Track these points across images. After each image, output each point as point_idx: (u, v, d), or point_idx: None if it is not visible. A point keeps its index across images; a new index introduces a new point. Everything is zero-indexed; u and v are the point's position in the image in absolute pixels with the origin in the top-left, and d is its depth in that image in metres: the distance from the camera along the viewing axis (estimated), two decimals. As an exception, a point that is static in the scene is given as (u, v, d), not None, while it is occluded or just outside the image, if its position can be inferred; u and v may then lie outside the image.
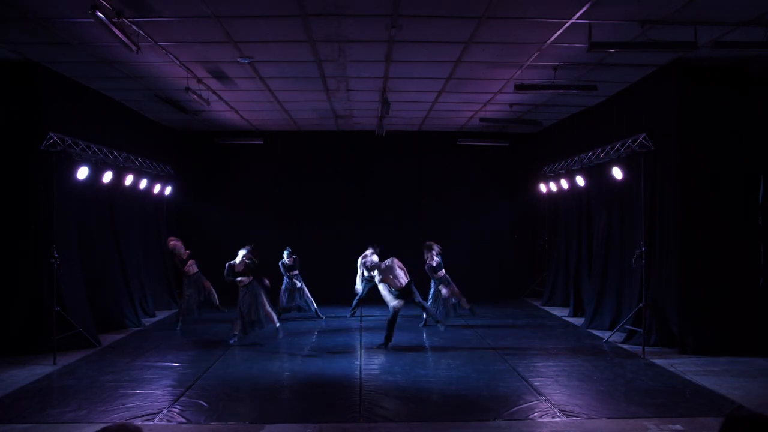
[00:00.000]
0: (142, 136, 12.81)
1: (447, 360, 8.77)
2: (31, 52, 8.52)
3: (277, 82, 10.36)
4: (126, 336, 10.49)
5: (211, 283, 11.58)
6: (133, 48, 6.91)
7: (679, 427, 5.82)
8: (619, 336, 9.86)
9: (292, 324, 11.70)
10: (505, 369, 8.15)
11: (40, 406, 6.55)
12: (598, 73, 9.32)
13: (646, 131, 9.25)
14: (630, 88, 10.19)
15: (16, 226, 9.04)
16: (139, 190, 12.28)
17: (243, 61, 8.83)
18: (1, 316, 8.86)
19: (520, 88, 9.30)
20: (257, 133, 14.94)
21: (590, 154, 11.22)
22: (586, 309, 11.72)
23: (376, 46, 8.27)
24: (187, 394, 7.00)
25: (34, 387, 7.31)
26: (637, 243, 9.36)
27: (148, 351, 9.29)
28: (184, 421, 6.12)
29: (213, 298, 11.66)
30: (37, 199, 9.02)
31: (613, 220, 10.92)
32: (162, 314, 12.79)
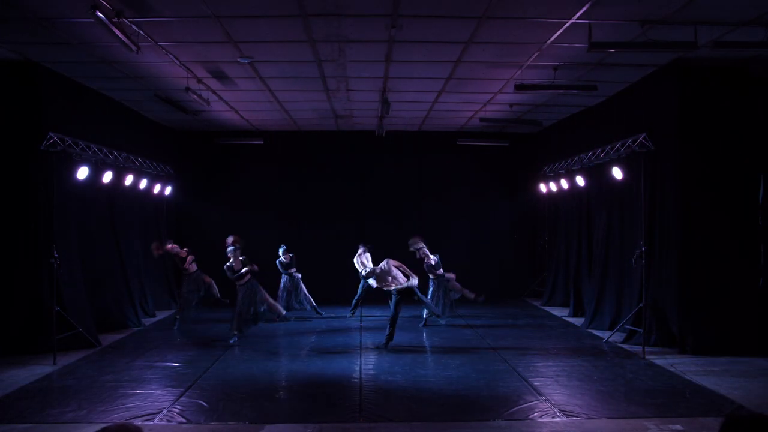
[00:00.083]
0: (142, 136, 12.81)
1: (447, 360, 8.76)
2: (31, 52, 8.53)
3: (277, 82, 10.36)
4: (126, 336, 10.50)
5: (212, 279, 11.67)
6: (133, 48, 6.91)
7: (679, 427, 5.82)
8: (619, 336, 9.86)
9: (293, 324, 11.72)
10: (505, 369, 8.15)
11: (40, 406, 6.56)
12: (598, 73, 9.32)
13: (646, 131, 9.25)
14: (630, 88, 10.19)
15: (16, 226, 9.04)
16: (139, 190, 12.28)
17: (243, 61, 8.83)
18: (1, 316, 8.86)
19: (520, 88, 9.30)
20: (257, 133, 14.94)
21: (590, 154, 11.22)
22: (586, 309, 11.72)
23: (376, 46, 8.28)
24: (187, 394, 7.01)
25: (34, 387, 7.31)
26: (637, 243, 9.36)
27: (148, 351, 9.30)
28: (184, 421, 6.12)
29: (214, 291, 11.73)
30: (37, 199, 9.02)
31: (613, 220, 10.92)
32: (162, 314, 12.80)
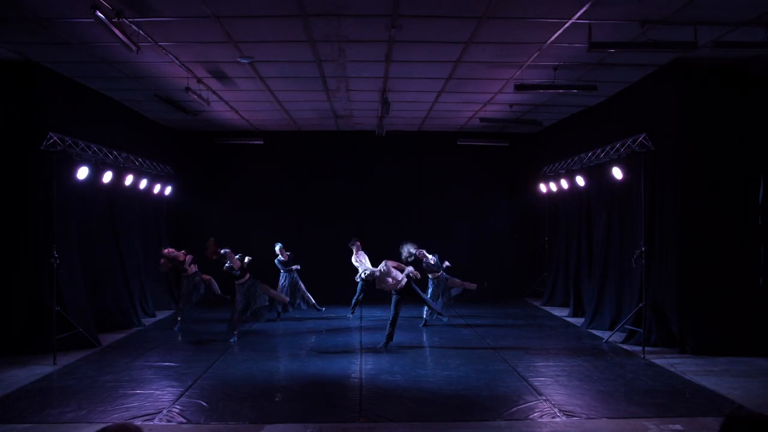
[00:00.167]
0: (142, 136, 12.81)
1: (447, 360, 8.76)
2: (31, 52, 8.53)
3: (277, 82, 10.36)
4: (126, 336, 10.49)
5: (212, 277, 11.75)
6: (133, 48, 6.91)
7: (679, 427, 5.82)
8: (619, 336, 9.86)
9: (293, 324, 11.72)
10: (505, 369, 8.15)
11: (40, 406, 6.55)
12: (598, 73, 9.32)
13: (646, 131, 9.25)
14: (630, 88, 10.19)
15: (16, 226, 9.03)
16: (139, 190, 12.28)
17: (243, 61, 8.83)
18: (1, 316, 8.86)
19: (520, 88, 9.30)
20: (257, 133, 14.94)
21: (590, 154, 11.21)
22: (586, 309, 11.72)
23: (376, 46, 8.27)
24: (187, 394, 7.01)
25: (34, 387, 7.31)
26: (637, 243, 9.36)
27: (148, 351, 9.30)
28: (184, 421, 6.12)
29: (214, 288, 11.79)
30: (37, 199, 9.02)
31: (613, 220, 10.91)
32: (162, 314, 12.80)
